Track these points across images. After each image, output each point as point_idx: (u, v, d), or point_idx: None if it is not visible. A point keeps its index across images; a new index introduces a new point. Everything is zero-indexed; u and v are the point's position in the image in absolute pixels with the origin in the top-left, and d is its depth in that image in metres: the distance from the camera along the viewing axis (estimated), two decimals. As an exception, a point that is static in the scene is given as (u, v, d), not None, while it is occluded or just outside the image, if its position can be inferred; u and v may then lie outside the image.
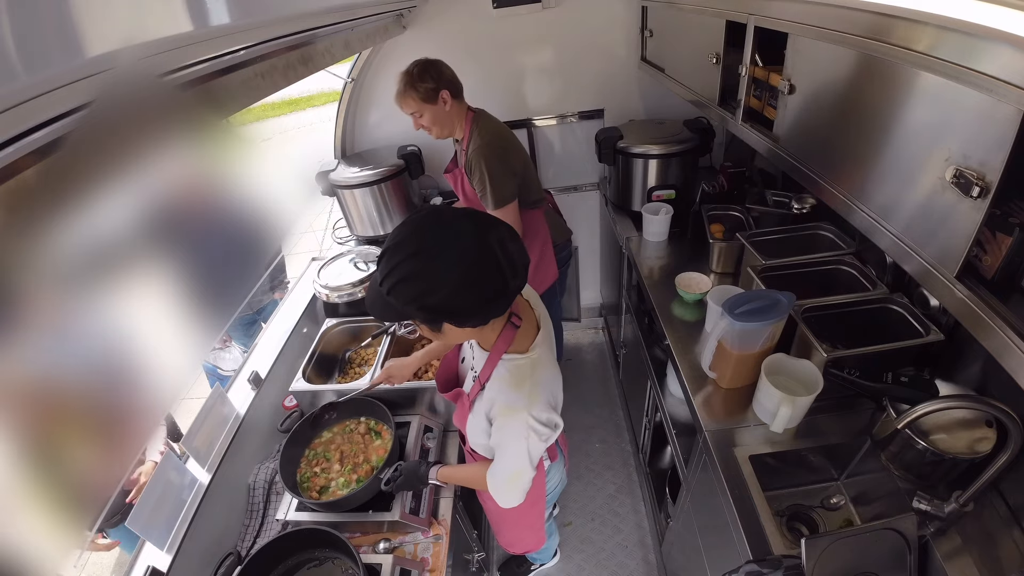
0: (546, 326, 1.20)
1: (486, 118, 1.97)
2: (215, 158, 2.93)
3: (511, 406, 1.08)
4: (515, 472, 1.15)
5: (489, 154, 1.85)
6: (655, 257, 2.20)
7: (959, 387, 1.22)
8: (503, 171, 1.87)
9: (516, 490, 1.18)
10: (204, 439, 1.47)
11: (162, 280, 2.20)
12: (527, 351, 1.11)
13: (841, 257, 1.61)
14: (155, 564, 1.21)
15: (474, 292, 0.90)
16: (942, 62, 0.74)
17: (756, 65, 1.40)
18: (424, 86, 1.78)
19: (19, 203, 0.46)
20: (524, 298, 1.21)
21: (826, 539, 1.00)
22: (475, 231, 0.89)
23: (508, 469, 1.16)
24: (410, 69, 1.80)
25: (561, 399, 1.19)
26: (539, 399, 1.07)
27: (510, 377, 1.09)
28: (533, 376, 1.08)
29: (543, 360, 1.12)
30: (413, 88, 1.78)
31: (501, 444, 1.14)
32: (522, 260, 0.95)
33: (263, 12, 0.78)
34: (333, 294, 2.11)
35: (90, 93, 0.50)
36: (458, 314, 0.93)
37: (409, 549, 1.44)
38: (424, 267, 0.88)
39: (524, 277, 0.96)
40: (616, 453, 2.74)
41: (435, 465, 1.43)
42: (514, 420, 1.07)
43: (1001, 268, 0.80)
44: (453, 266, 0.87)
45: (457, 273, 0.87)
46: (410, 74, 1.79)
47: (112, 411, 1.82)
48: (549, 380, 1.12)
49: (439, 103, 1.82)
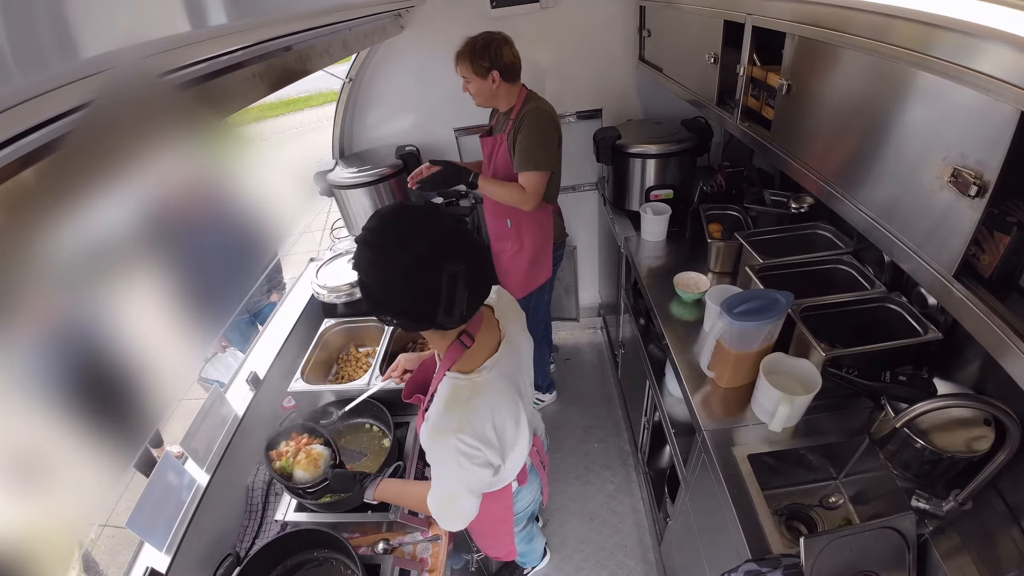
0: (511, 347, 1.14)
1: (540, 98, 2.04)
2: (214, 158, 2.93)
3: (438, 428, 1.03)
4: (448, 496, 1.11)
5: (546, 121, 1.95)
6: (653, 257, 2.20)
7: (957, 386, 1.23)
8: (551, 140, 1.98)
9: (453, 514, 1.13)
10: (202, 440, 1.46)
11: (159, 281, 2.20)
12: (471, 371, 1.06)
13: (839, 256, 1.61)
14: (154, 565, 1.21)
15: (404, 302, 0.94)
16: (940, 61, 0.75)
17: (754, 65, 1.40)
18: (480, 62, 1.86)
19: (19, 203, 0.45)
20: (495, 316, 1.17)
21: (825, 538, 1.01)
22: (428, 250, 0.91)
23: (441, 493, 1.12)
24: (476, 38, 1.87)
25: (511, 430, 1.11)
26: (469, 427, 1.02)
27: (447, 396, 1.05)
28: (469, 401, 1.03)
29: (489, 385, 1.06)
30: (470, 59, 1.86)
31: (433, 465, 1.11)
32: (462, 306, 0.95)
33: (262, 12, 0.78)
34: (331, 294, 2.11)
35: (90, 93, 0.50)
36: (395, 315, 0.96)
37: (408, 549, 1.44)
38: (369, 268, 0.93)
39: (458, 320, 0.97)
40: (615, 453, 2.74)
41: (375, 480, 1.32)
42: (442, 443, 1.03)
43: (999, 267, 0.80)
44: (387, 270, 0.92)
45: (389, 279, 0.92)
46: (474, 44, 1.86)
47: (110, 412, 1.81)
48: (488, 407, 1.05)
49: (488, 80, 1.89)
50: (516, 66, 1.94)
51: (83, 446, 1.69)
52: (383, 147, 2.73)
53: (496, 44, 1.86)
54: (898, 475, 1.20)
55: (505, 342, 1.14)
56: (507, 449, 1.13)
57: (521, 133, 1.93)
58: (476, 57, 1.85)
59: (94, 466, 1.74)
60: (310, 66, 1.23)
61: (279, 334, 2.01)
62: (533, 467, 1.45)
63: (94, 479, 1.76)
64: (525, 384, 1.22)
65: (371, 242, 0.92)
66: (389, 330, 1.93)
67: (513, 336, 1.17)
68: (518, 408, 1.12)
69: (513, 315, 1.22)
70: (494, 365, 1.08)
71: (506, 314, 1.19)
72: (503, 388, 1.09)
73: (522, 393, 1.18)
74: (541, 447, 1.51)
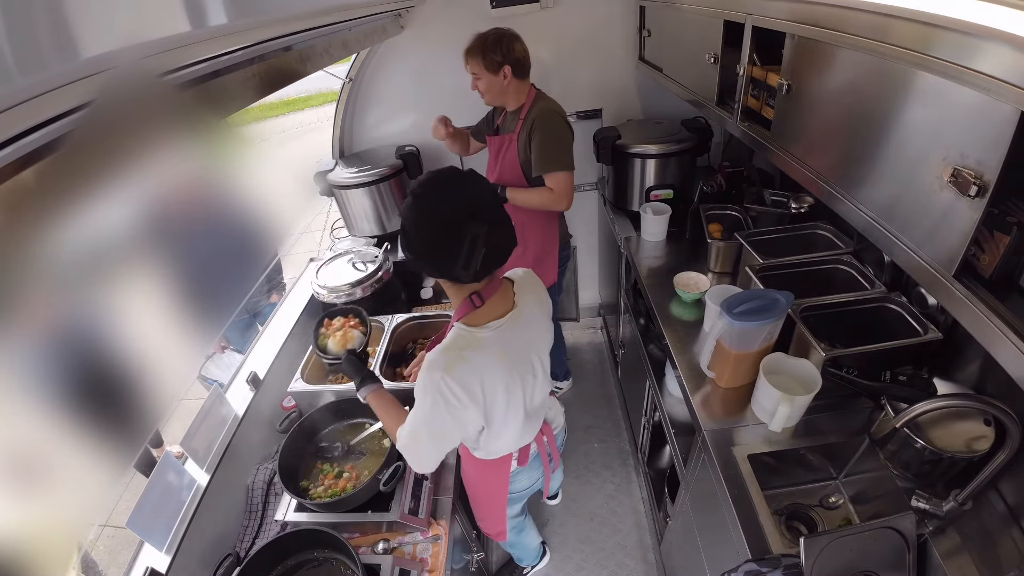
0: (520, 320, 1.18)
1: (549, 97, 2.03)
2: (214, 158, 2.93)
3: (429, 364, 1.10)
4: (414, 433, 1.17)
5: (562, 122, 1.94)
6: (653, 257, 2.20)
7: (957, 386, 1.23)
8: (570, 140, 1.97)
9: (414, 453, 1.19)
10: (202, 440, 1.46)
11: (159, 282, 2.20)
12: (476, 326, 1.14)
13: (839, 256, 1.61)
14: (154, 565, 1.21)
15: (429, 248, 1.06)
16: (940, 61, 0.75)
17: (754, 65, 1.40)
18: (492, 56, 1.83)
19: (19, 203, 0.45)
20: (513, 290, 1.22)
21: (825, 538, 1.01)
22: (462, 212, 1.03)
23: (411, 428, 1.17)
24: (487, 34, 1.85)
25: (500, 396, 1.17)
26: (455, 371, 1.08)
27: (448, 341, 1.14)
28: (463, 351, 1.11)
29: (487, 344, 1.12)
30: (482, 54, 1.84)
31: (416, 400, 1.15)
32: (476, 263, 1.04)
33: (262, 12, 0.78)
34: (331, 294, 2.11)
35: (90, 93, 0.50)
36: (420, 258, 1.07)
37: (408, 549, 1.44)
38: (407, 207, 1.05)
39: (471, 276, 1.06)
40: (615, 453, 2.74)
41: (374, 385, 1.39)
42: (428, 378, 1.09)
43: (999, 267, 0.80)
44: (423, 221, 1.04)
45: (422, 228, 1.05)
46: (485, 39, 1.84)
47: (110, 412, 1.81)
48: (480, 364, 1.11)
49: (499, 76, 1.87)
50: (527, 62, 1.93)
51: (83, 446, 1.70)
52: (383, 147, 2.73)
53: (508, 39, 1.85)
54: (898, 475, 1.20)
55: (515, 313, 1.18)
56: (493, 413, 1.19)
57: (538, 135, 1.91)
58: (488, 51, 1.83)
59: (94, 466, 1.74)
60: (310, 66, 1.23)
61: (279, 334, 2.01)
62: (538, 455, 1.47)
63: (94, 479, 1.76)
64: (534, 364, 1.26)
65: (416, 192, 1.06)
66: (389, 330, 1.93)
67: (526, 313, 1.21)
68: (511, 379, 1.17)
69: (533, 296, 1.26)
70: (497, 329, 1.14)
71: (525, 292, 1.24)
72: (499, 352, 1.14)
73: (525, 369, 1.22)
74: (552, 440, 1.51)
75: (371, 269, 2.18)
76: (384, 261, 2.23)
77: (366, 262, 2.24)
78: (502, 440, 1.33)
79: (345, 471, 1.53)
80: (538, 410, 1.37)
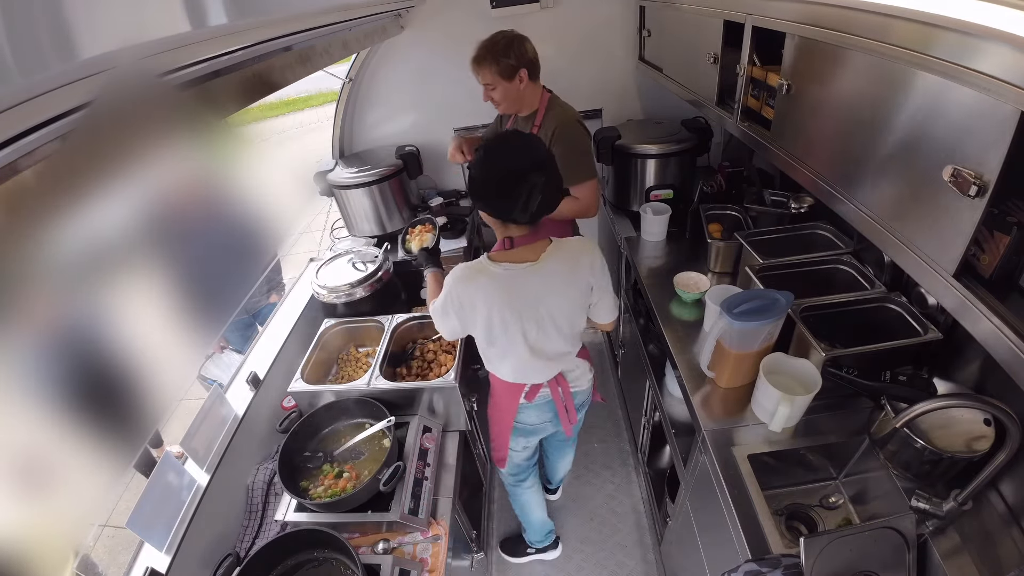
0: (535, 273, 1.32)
1: (562, 102, 1.94)
2: (214, 158, 2.93)
3: (457, 268, 1.36)
4: (436, 307, 1.43)
5: (581, 131, 1.88)
6: (653, 257, 2.20)
7: (957, 386, 1.23)
8: (590, 148, 1.93)
9: (435, 320, 1.46)
10: (202, 440, 1.46)
11: (158, 282, 2.20)
12: (495, 261, 1.33)
13: (839, 256, 1.61)
14: (154, 565, 1.21)
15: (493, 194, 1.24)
16: (940, 61, 0.75)
17: (754, 65, 1.40)
18: (506, 61, 1.73)
19: (19, 203, 0.45)
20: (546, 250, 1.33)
21: (825, 538, 1.01)
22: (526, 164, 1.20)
23: (438, 302, 1.42)
24: (496, 39, 1.74)
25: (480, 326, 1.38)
26: (461, 284, 1.33)
27: (475, 261, 1.38)
28: (478, 272, 1.33)
29: (493, 278, 1.32)
30: (495, 61, 1.73)
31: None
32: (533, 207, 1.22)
33: (262, 12, 0.78)
34: (331, 295, 2.11)
35: (90, 93, 0.50)
36: (485, 202, 1.27)
37: (408, 549, 1.44)
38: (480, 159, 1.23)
39: (527, 218, 1.25)
40: (615, 453, 2.74)
41: (435, 268, 1.68)
42: (451, 276, 1.36)
43: (999, 267, 0.80)
44: (492, 170, 1.22)
45: (491, 176, 1.23)
46: (494, 45, 1.73)
47: (110, 413, 1.81)
48: (478, 290, 1.32)
49: (515, 81, 1.77)
50: (538, 62, 1.84)
51: (83, 446, 1.70)
52: (383, 147, 2.73)
53: (519, 41, 1.76)
54: (898, 475, 1.20)
55: (533, 267, 1.31)
56: (477, 329, 1.41)
57: (560, 147, 1.76)
58: (501, 57, 1.72)
59: (94, 466, 1.74)
60: (310, 66, 1.23)
61: (279, 334, 2.01)
62: (551, 402, 1.61)
63: (94, 479, 1.76)
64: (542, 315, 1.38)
65: (488, 146, 1.24)
66: (389, 330, 1.93)
67: (546, 269, 1.33)
68: (510, 315, 1.34)
69: (565, 263, 1.35)
70: (509, 271, 1.31)
71: (559, 256, 1.34)
72: (503, 289, 1.31)
73: (529, 315, 1.36)
74: (568, 393, 1.63)
75: (371, 269, 2.18)
76: (384, 261, 2.23)
77: (366, 262, 2.24)
78: (505, 366, 1.51)
79: (345, 471, 1.53)
80: (551, 359, 1.50)
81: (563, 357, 1.53)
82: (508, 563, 2.30)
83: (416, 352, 1.96)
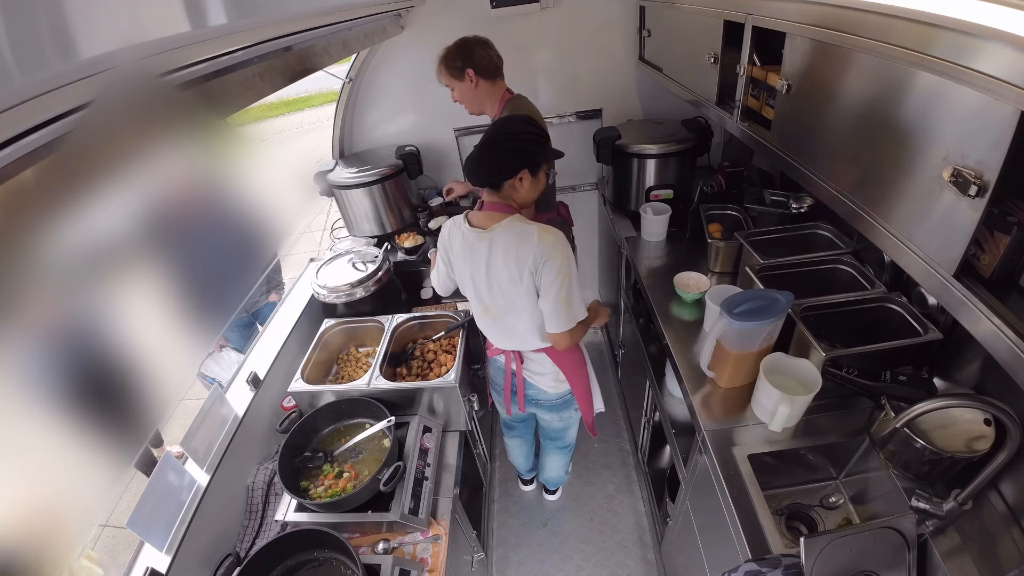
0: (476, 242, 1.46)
1: (520, 102, 1.97)
2: (214, 159, 2.93)
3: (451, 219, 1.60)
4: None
5: None
6: (653, 257, 2.20)
7: (957, 386, 1.23)
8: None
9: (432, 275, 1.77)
10: (203, 440, 1.46)
11: (158, 282, 2.20)
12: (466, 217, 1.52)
13: (839, 256, 1.61)
14: (154, 565, 1.21)
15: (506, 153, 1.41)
16: (940, 61, 0.75)
17: (754, 65, 1.40)
18: (453, 64, 1.85)
19: (19, 203, 0.45)
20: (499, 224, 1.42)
21: (825, 538, 1.01)
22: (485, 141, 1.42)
23: None
24: (450, 45, 1.88)
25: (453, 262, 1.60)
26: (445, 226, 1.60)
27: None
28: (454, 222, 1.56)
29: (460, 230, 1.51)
30: (444, 64, 1.87)
31: None
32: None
33: (262, 12, 0.78)
34: (331, 295, 2.11)
35: (90, 93, 0.50)
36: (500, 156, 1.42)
37: (408, 549, 1.44)
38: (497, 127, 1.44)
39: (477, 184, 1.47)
40: (615, 453, 2.74)
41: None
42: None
43: (999, 267, 0.80)
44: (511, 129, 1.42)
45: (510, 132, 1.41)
46: (447, 50, 1.88)
47: (110, 412, 1.81)
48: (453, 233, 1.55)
49: (465, 81, 1.87)
50: (493, 63, 1.89)
51: (83, 446, 1.69)
52: (383, 147, 2.73)
53: (468, 44, 1.85)
54: (898, 475, 1.20)
55: (483, 234, 1.44)
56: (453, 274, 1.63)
57: None
58: (448, 59, 1.85)
59: (94, 466, 1.74)
60: (310, 66, 1.23)
61: (279, 334, 2.01)
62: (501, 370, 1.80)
63: (94, 479, 1.76)
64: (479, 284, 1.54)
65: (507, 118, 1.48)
66: (389, 330, 1.93)
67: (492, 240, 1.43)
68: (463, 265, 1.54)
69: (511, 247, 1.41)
70: (469, 231, 1.48)
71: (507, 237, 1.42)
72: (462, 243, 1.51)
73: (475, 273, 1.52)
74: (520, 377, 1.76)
75: (371, 269, 2.18)
76: (384, 261, 2.23)
77: (366, 262, 2.24)
78: (473, 311, 1.70)
79: (345, 471, 1.53)
80: (503, 330, 1.64)
81: (516, 334, 1.63)
82: (508, 563, 2.30)
83: (416, 352, 1.96)
